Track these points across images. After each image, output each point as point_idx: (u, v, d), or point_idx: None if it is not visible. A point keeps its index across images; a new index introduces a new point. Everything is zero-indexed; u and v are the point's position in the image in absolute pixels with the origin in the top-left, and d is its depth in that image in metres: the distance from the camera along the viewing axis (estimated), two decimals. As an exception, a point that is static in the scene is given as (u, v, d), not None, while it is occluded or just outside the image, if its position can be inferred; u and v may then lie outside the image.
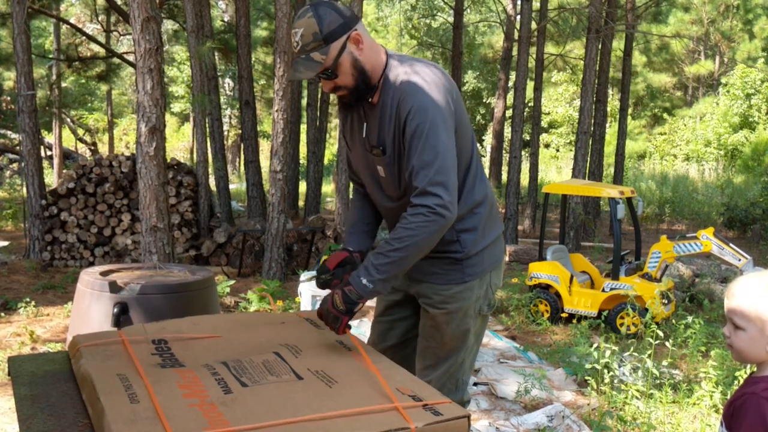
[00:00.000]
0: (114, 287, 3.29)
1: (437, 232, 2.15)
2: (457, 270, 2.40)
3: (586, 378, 4.91)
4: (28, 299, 6.84)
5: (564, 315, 7.09)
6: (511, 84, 17.01)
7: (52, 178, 16.60)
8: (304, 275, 6.88)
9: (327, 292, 2.28)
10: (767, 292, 1.72)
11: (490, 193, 2.47)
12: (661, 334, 4.57)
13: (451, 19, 14.38)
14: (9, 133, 20.28)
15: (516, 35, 13.69)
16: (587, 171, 13.12)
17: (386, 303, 2.64)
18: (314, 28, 2.14)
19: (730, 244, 6.81)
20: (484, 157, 23.07)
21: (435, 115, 2.16)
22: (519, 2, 13.59)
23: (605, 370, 4.73)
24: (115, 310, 3.20)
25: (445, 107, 2.19)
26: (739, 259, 6.73)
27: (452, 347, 2.46)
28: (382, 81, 2.27)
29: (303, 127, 15.08)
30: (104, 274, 3.57)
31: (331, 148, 24.32)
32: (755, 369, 1.81)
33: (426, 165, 2.14)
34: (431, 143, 2.15)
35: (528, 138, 19.80)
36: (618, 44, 16.61)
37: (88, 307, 3.33)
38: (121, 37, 17.12)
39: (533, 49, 14.67)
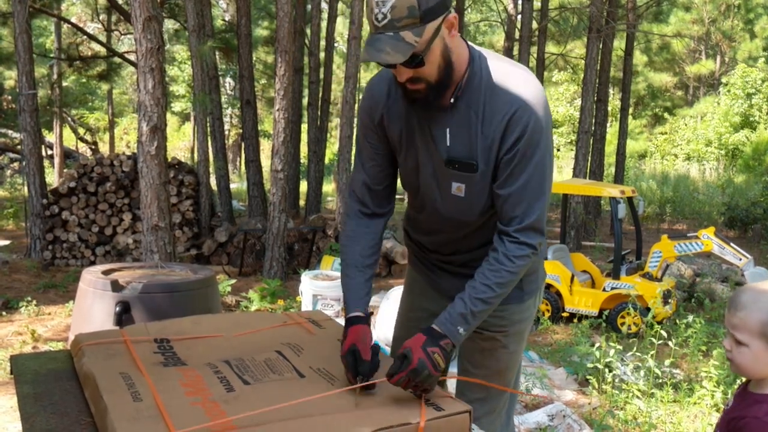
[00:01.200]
0: (116, 286, 3.30)
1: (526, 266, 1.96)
2: (517, 287, 2.08)
3: (587, 377, 4.91)
4: (29, 298, 6.85)
5: (565, 314, 7.09)
6: (511, 83, 16.96)
7: (52, 178, 16.61)
8: (305, 275, 6.88)
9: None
10: None
11: None
12: (664, 333, 4.58)
13: (452, 19, 14.40)
14: (10, 132, 20.29)
15: (517, 35, 13.70)
16: (588, 170, 13.13)
17: (421, 311, 2.28)
18: (411, 0, 1.71)
19: (731, 244, 6.82)
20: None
21: (548, 141, 1.89)
22: (520, 2, 13.62)
23: (606, 370, 4.74)
24: (117, 308, 3.21)
25: (551, 127, 1.94)
26: (740, 259, 6.74)
27: (505, 375, 2.20)
28: (466, 80, 1.88)
29: (304, 127, 15.08)
30: (106, 273, 3.58)
31: (332, 147, 24.30)
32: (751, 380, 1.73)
33: (537, 198, 1.88)
34: (544, 175, 1.89)
35: (529, 137, 19.77)
36: (619, 44, 16.61)
37: (91, 306, 3.34)
38: (122, 36, 17.13)
39: (534, 49, 14.68)
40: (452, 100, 1.89)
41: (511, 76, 1.88)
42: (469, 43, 1.94)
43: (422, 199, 2.08)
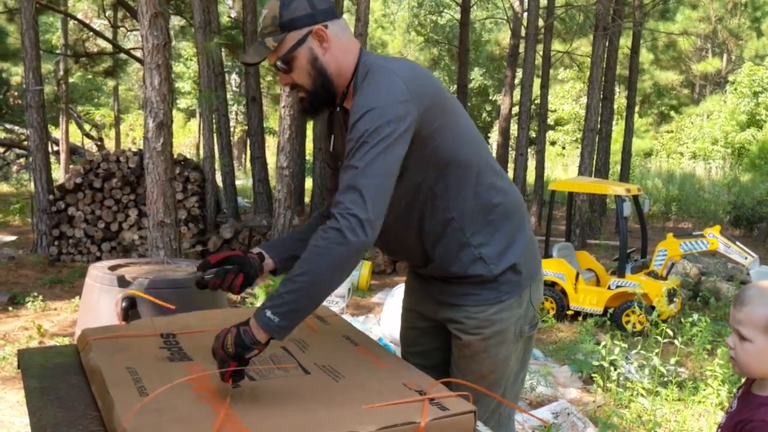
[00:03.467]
0: (122, 281, 3.31)
1: (350, 255, 1.75)
2: (492, 288, 2.09)
3: (592, 375, 4.91)
4: (35, 293, 6.87)
5: (570, 312, 7.09)
6: (517, 81, 16.98)
7: (59, 174, 16.66)
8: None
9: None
10: None
11: (513, 198, 2.15)
12: (671, 333, 4.58)
13: (457, 16, 14.38)
14: (16, 128, 20.36)
15: (523, 32, 13.69)
16: (593, 168, 13.11)
17: (413, 333, 2.33)
18: (275, 11, 1.93)
19: (737, 242, 6.81)
20: (490, 154, 22.97)
21: (382, 136, 1.80)
22: (526, -1, 13.62)
23: (611, 368, 4.74)
24: (124, 304, 3.22)
25: (396, 120, 1.82)
26: (746, 257, 6.72)
27: (493, 380, 2.15)
28: (352, 89, 1.97)
29: (309, 124, 15.09)
30: (113, 268, 3.59)
31: (337, 144, 24.37)
32: (754, 381, 1.71)
33: (358, 184, 1.77)
34: (367, 151, 1.80)
35: (534, 135, 19.78)
36: (625, 41, 16.57)
37: (97, 301, 3.35)
38: (128, 32, 17.18)
39: (540, 46, 14.65)
40: (338, 108, 2.02)
41: (371, 77, 1.91)
42: (366, 53, 2.02)
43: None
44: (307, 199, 15.19)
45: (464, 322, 2.11)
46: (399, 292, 5.80)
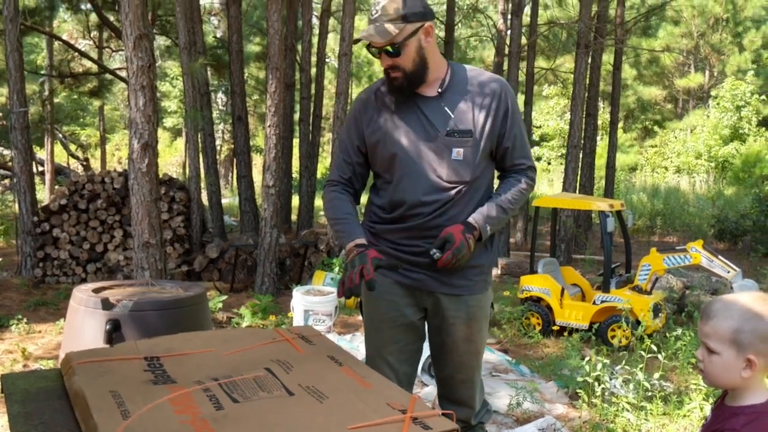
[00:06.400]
0: (106, 304, 3.30)
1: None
2: (483, 279, 2.64)
3: (578, 391, 4.93)
4: (20, 316, 6.82)
5: (555, 328, 7.11)
6: (502, 98, 17.03)
7: (44, 194, 16.57)
8: (297, 290, 6.89)
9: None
10: (743, 315, 1.65)
11: None
12: (654, 348, 4.61)
13: (442, 34, 14.47)
14: (1, 149, 20.25)
15: (506, 50, 13.81)
16: (578, 184, 13.19)
17: (389, 333, 2.70)
18: (398, 4, 2.40)
19: (719, 257, 6.86)
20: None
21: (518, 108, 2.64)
22: (509, 18, 13.70)
23: (596, 383, 4.76)
24: (108, 327, 3.21)
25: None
26: (728, 271, 6.78)
27: (481, 353, 2.71)
28: (450, 75, 2.56)
29: (296, 142, 15.11)
30: (97, 291, 3.59)
31: (324, 162, 24.36)
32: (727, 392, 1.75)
33: (527, 146, 2.63)
34: (525, 132, 2.61)
35: (520, 151, 19.84)
36: (608, 58, 16.74)
37: (81, 324, 3.34)
38: (113, 53, 17.18)
39: (524, 64, 14.78)
40: (439, 91, 2.54)
41: (484, 73, 2.62)
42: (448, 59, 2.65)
43: (412, 174, 2.53)
44: (293, 217, 15.16)
45: (463, 310, 2.59)
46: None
